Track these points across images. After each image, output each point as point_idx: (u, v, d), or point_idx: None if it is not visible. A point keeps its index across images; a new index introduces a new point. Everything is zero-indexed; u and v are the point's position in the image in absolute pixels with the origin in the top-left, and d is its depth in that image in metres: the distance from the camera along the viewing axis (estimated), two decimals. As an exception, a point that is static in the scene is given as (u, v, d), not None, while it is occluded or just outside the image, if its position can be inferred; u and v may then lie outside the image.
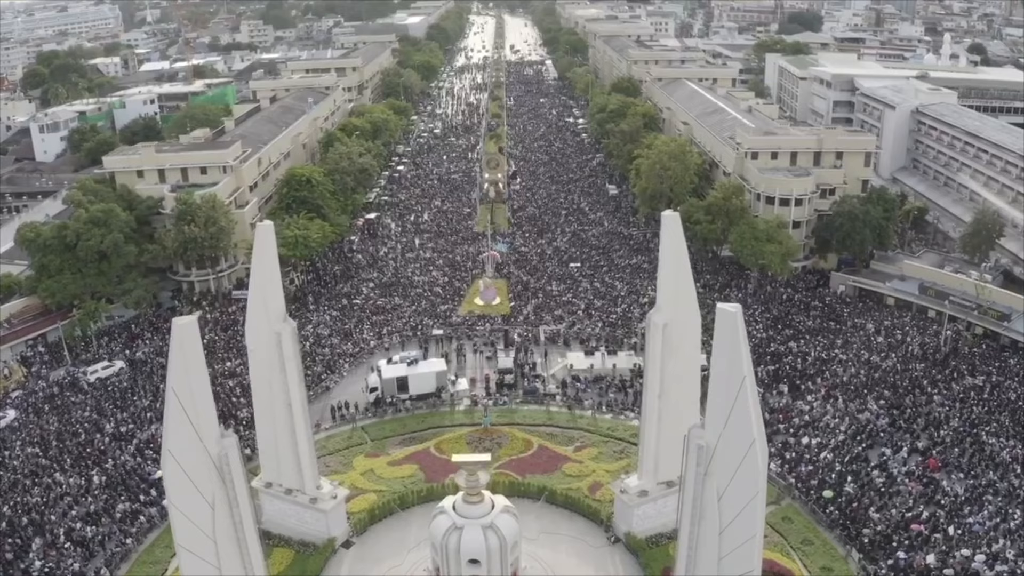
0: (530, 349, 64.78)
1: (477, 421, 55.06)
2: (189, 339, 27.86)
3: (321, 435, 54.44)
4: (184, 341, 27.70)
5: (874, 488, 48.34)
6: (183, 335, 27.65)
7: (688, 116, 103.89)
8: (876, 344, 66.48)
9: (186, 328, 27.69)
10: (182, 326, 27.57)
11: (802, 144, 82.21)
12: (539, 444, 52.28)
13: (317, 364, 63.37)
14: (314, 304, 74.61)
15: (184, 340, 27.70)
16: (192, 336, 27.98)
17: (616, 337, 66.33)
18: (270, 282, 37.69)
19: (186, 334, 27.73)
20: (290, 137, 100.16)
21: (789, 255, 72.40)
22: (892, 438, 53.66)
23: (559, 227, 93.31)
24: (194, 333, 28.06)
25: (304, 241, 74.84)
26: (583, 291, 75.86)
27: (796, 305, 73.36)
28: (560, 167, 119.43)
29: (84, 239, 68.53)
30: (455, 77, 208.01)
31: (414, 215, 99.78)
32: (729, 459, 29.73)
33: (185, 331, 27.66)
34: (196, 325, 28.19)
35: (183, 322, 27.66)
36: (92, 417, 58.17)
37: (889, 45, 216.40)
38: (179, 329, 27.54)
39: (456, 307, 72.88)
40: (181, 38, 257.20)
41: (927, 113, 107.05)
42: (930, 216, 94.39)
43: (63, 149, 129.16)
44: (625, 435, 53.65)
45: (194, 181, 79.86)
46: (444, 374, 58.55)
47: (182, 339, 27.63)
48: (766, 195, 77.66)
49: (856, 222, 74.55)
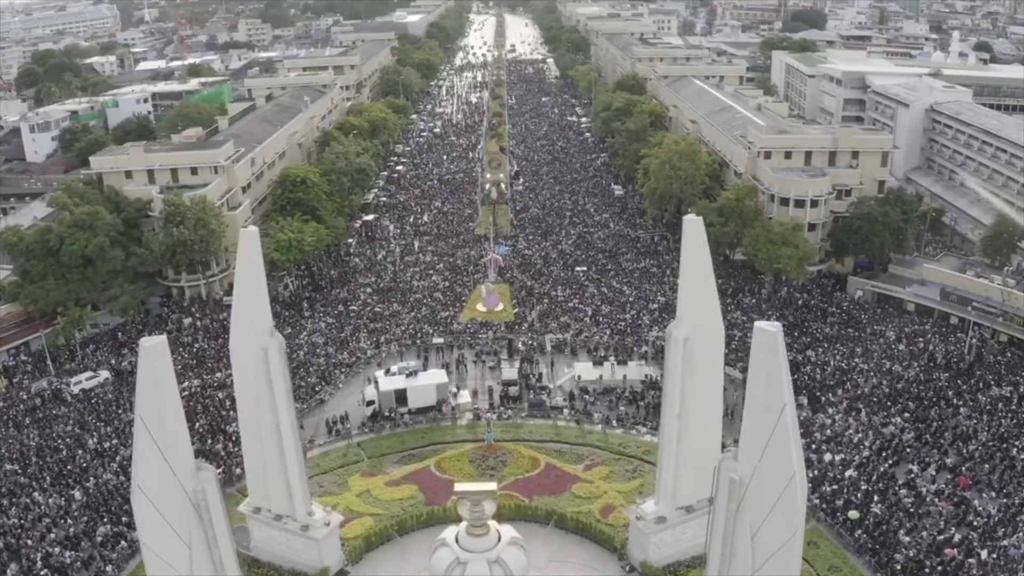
0: (535, 359, 61.66)
1: (480, 437, 51.95)
2: (158, 362, 24.80)
3: (315, 452, 51.49)
4: (153, 364, 24.64)
5: (903, 509, 45.74)
6: (151, 358, 24.59)
7: (696, 114, 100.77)
8: (897, 352, 63.72)
9: (154, 350, 24.60)
10: (150, 348, 24.47)
11: (817, 143, 79.13)
12: (546, 462, 49.20)
13: (311, 375, 60.31)
14: (308, 311, 71.51)
15: (153, 363, 24.64)
16: (162, 358, 24.90)
17: (626, 346, 63.23)
18: (255, 293, 34.30)
19: (155, 356, 24.65)
20: (285, 136, 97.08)
21: (806, 259, 69.31)
22: (919, 454, 51.20)
23: (563, 229, 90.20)
24: (164, 355, 24.98)
25: (298, 245, 71.71)
26: (590, 296, 72.77)
27: (812, 311, 70.45)
28: (563, 167, 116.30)
29: (68, 243, 65.53)
30: (455, 76, 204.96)
31: (413, 217, 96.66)
32: (765, 494, 26.89)
33: (154, 353, 24.58)
34: (166, 346, 25.10)
35: (151, 343, 24.54)
36: (74, 431, 55.47)
37: (895, 43, 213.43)
38: (147, 351, 24.47)
39: (457, 314, 69.74)
40: (176, 36, 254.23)
41: (942, 111, 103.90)
42: (947, 217, 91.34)
43: (54, 149, 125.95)
44: (637, 452, 50.66)
45: (184, 182, 76.77)
46: (445, 386, 55.48)
47: (151, 362, 24.58)
48: (780, 196, 74.58)
49: (875, 224, 71.54)
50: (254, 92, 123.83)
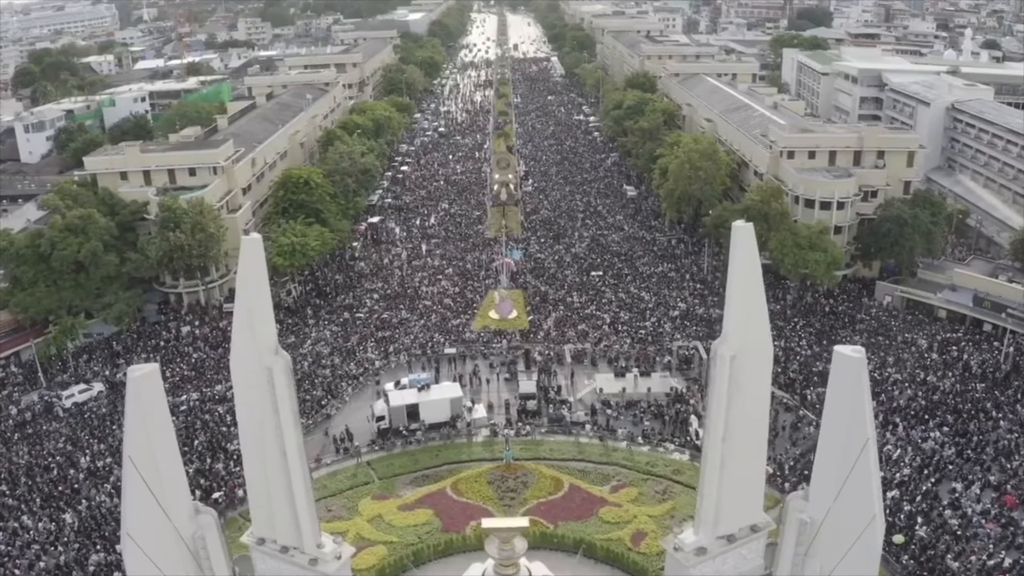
0: (553, 370, 58.40)
1: (498, 455, 48.76)
2: (149, 393, 21.52)
3: (322, 472, 48.30)
4: (143, 396, 21.36)
5: (949, 531, 43.09)
6: (141, 389, 21.30)
7: (712, 113, 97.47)
8: (931, 362, 60.71)
9: (144, 380, 21.29)
10: (139, 378, 21.17)
11: (842, 142, 75.88)
12: (570, 483, 46.01)
13: (316, 388, 57.10)
14: (313, 318, 68.28)
15: (143, 395, 21.37)
16: (153, 389, 21.60)
17: (648, 356, 60.01)
18: (258, 306, 30.58)
19: (145, 388, 21.35)
20: (287, 136, 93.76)
21: (834, 264, 66.11)
22: (961, 471, 48.41)
23: (576, 231, 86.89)
24: (155, 386, 21.68)
25: (302, 249, 68.40)
26: (607, 303, 69.49)
27: (840, 318, 67.35)
28: (573, 167, 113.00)
29: (59, 248, 62.40)
30: (458, 74, 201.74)
31: (420, 219, 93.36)
32: (839, 538, 23.75)
33: (143, 384, 21.28)
34: (158, 375, 21.79)
35: (140, 373, 21.24)
36: (66, 449, 52.46)
37: (905, 41, 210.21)
38: (136, 382, 21.18)
39: (469, 321, 66.47)
40: (175, 34, 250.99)
41: (964, 110, 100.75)
42: (972, 219, 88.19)
43: (49, 149, 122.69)
44: (667, 471, 47.53)
45: (182, 183, 73.40)
46: (459, 401, 52.28)
47: (140, 394, 21.31)
48: (805, 198, 71.38)
49: (905, 227, 68.40)
50: (254, 90, 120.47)
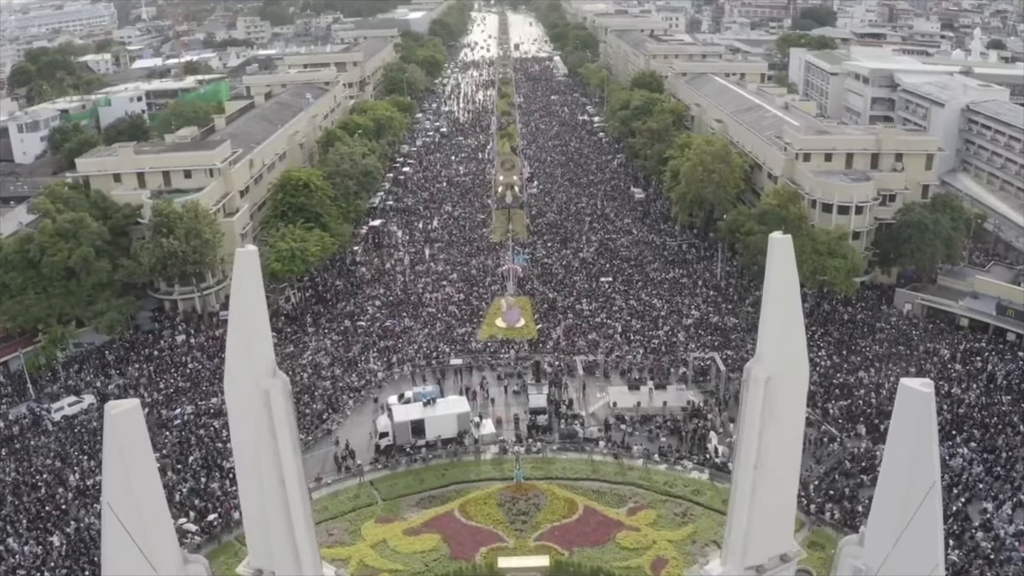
0: (564, 382, 55.93)
1: (508, 475, 46.35)
2: (130, 433, 19.12)
3: (323, 492, 45.92)
4: (122, 436, 18.98)
5: (982, 555, 41.16)
6: (120, 428, 18.91)
7: (722, 113, 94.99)
8: (954, 373, 58.42)
9: (124, 418, 18.88)
10: (118, 416, 18.78)
11: (859, 144, 73.42)
12: (585, 505, 43.61)
13: (316, 401, 54.64)
14: (313, 326, 65.81)
15: (122, 435, 18.98)
16: (134, 429, 19.20)
17: (662, 367, 57.57)
18: (255, 325, 28.02)
19: (124, 426, 18.96)
20: (286, 136, 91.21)
21: (854, 271, 63.71)
22: (991, 489, 46.19)
23: (583, 235, 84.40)
24: (136, 424, 19.28)
25: (301, 255, 65.88)
26: (618, 310, 67.01)
27: (859, 327, 64.96)
28: (578, 168, 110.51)
29: (49, 254, 59.96)
30: (459, 73, 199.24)
31: (422, 222, 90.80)
32: (898, 589, 21.31)
33: (123, 422, 18.89)
34: (139, 412, 19.37)
35: (119, 410, 18.83)
36: (55, 465, 50.05)
37: (911, 41, 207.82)
38: (115, 420, 18.79)
39: (475, 330, 63.97)
40: (171, 32, 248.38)
41: (979, 111, 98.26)
42: (990, 224, 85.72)
43: (43, 150, 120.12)
44: (686, 492, 45.16)
45: (177, 186, 70.87)
46: (467, 416, 49.82)
47: (119, 433, 18.93)
48: (822, 202, 68.95)
49: (926, 233, 66.05)
50: (253, 90, 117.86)
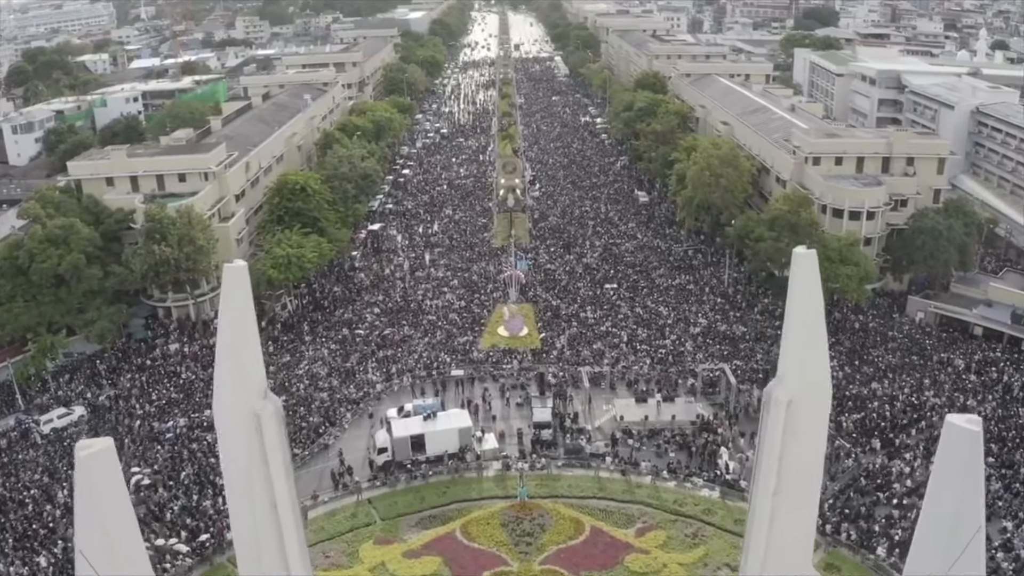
0: (569, 395, 54.16)
1: (511, 493, 44.60)
2: (103, 475, 17.34)
3: (319, 511, 44.20)
4: (95, 479, 17.21)
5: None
6: (93, 470, 17.14)
7: (728, 115, 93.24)
8: (969, 384, 56.80)
9: (95, 460, 17.09)
10: (88, 457, 16.97)
11: (871, 148, 71.70)
12: (592, 525, 41.89)
13: (313, 414, 52.89)
14: (310, 334, 64.04)
15: (95, 478, 17.21)
16: (107, 470, 17.41)
17: (670, 378, 55.83)
18: (245, 345, 25.96)
19: (97, 468, 17.17)
20: (283, 138, 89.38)
21: (867, 279, 62.02)
22: (1011, 507, 44.60)
23: (587, 240, 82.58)
24: (110, 465, 17.49)
25: (298, 261, 64.10)
26: (623, 318, 65.27)
27: (871, 335, 63.24)
28: (581, 171, 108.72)
29: (38, 261, 58.18)
30: (460, 74, 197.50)
31: (423, 226, 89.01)
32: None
33: (94, 464, 17.09)
34: (112, 452, 17.58)
35: (90, 451, 17.02)
36: (43, 481, 48.32)
37: (915, 41, 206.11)
38: (85, 463, 16.99)
39: (476, 339, 62.20)
40: (168, 31, 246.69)
41: (989, 113, 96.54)
42: (1001, 229, 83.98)
43: (38, 152, 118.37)
44: (696, 511, 43.44)
45: (172, 190, 69.07)
46: (469, 431, 48.07)
47: (91, 476, 17.16)
48: (833, 207, 67.26)
49: (940, 239, 64.34)
50: (250, 90, 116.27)
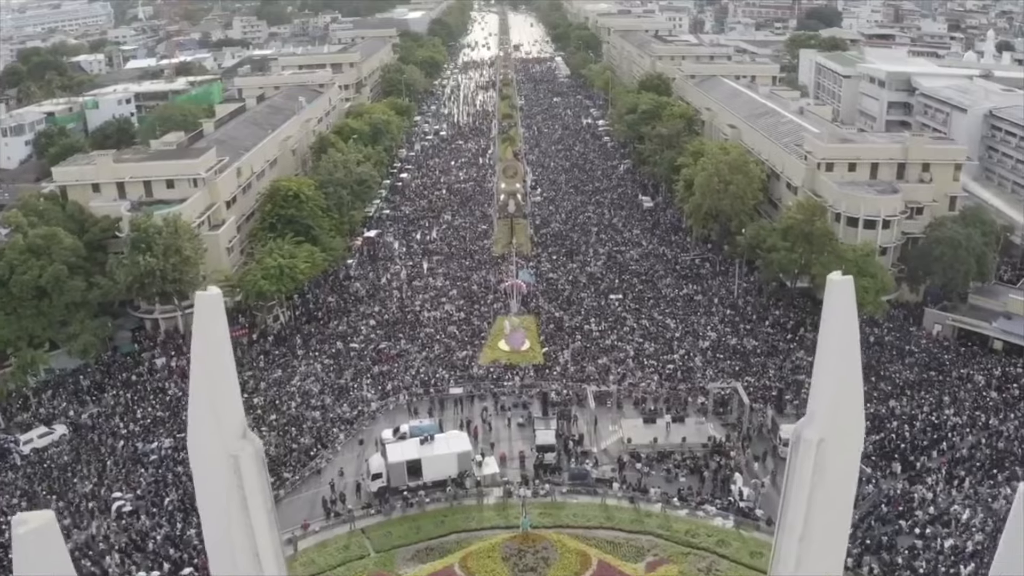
0: (573, 415, 51.59)
1: (513, 522, 42.07)
2: (43, 558, 14.87)
3: (309, 541, 41.76)
4: (33, 562, 14.73)
5: None
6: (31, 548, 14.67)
7: (735, 118, 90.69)
8: (991, 401, 54.37)
9: (35, 537, 14.64)
10: (26, 535, 14.55)
11: (885, 153, 69.21)
12: (599, 559, 39.33)
13: (305, 434, 50.35)
14: (302, 348, 61.49)
15: (33, 561, 14.73)
16: (50, 552, 14.95)
17: (679, 396, 53.29)
18: (221, 380, 23.63)
19: (35, 546, 14.71)
20: (277, 142, 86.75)
21: (883, 291, 59.50)
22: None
23: (591, 247, 79.96)
24: (52, 541, 15.02)
25: (290, 272, 61.52)
26: (629, 331, 62.70)
27: (887, 350, 60.72)
28: (584, 175, 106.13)
29: (19, 272, 55.62)
30: (460, 74, 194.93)
31: (421, 232, 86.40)
32: None
33: (33, 542, 14.64)
34: (55, 527, 15.14)
35: (28, 528, 14.60)
36: (20, 506, 45.79)
37: (920, 42, 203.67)
38: (23, 540, 14.55)
39: (476, 353, 59.62)
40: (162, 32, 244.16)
41: (1003, 117, 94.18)
42: (1016, 237, 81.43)
43: (28, 154, 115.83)
44: (710, 543, 40.97)
45: (160, 196, 66.42)
46: (468, 455, 45.51)
47: (29, 559, 14.68)
48: (847, 215, 64.74)
49: (959, 249, 61.82)
50: (244, 92, 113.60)
